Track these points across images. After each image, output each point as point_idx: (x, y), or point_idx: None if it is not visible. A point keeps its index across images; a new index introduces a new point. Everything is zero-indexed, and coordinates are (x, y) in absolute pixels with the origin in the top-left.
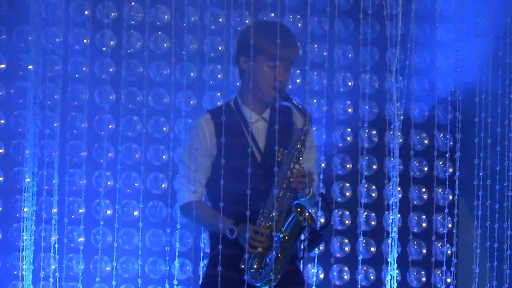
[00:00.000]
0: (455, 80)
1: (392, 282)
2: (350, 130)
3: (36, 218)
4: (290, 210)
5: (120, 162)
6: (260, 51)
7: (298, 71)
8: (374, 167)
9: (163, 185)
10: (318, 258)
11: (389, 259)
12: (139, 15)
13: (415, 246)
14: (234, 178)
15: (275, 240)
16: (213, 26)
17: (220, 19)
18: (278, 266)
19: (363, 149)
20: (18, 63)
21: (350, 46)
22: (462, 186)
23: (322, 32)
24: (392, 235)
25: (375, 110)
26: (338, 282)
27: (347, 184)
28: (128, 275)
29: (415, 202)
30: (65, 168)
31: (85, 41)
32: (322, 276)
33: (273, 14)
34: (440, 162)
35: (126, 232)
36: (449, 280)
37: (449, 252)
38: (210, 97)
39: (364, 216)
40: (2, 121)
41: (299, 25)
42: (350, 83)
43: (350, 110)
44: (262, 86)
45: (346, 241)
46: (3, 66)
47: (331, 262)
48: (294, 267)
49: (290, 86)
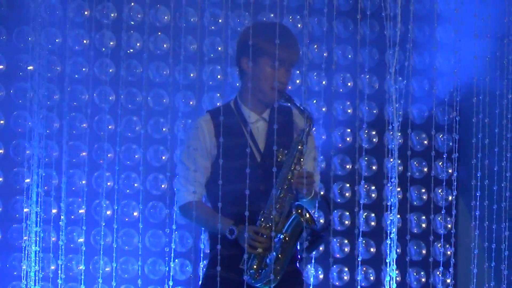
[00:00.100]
0: (454, 80)
1: (391, 282)
2: (349, 130)
3: (35, 219)
4: (290, 211)
5: (119, 163)
6: (263, 53)
7: (298, 72)
8: (374, 168)
9: (163, 185)
10: (317, 258)
11: (388, 260)
12: (139, 16)
13: (415, 247)
14: (234, 179)
15: (276, 241)
16: (212, 27)
17: (219, 20)
18: (278, 267)
19: (362, 148)
20: (18, 64)
21: (350, 47)
22: (461, 186)
23: (322, 32)
24: (391, 236)
25: (375, 111)
26: (337, 283)
27: (347, 184)
28: (128, 276)
29: (415, 203)
30: (64, 168)
31: (84, 41)
32: (321, 276)
33: (272, 15)
34: (439, 163)
35: (125, 232)
36: (448, 280)
37: (448, 252)
38: (210, 97)
39: (363, 216)
40: (2, 121)
41: (299, 25)
42: (349, 84)
43: (349, 110)
44: (264, 87)
45: (346, 241)
46: (3, 66)
47: (331, 262)
48: (294, 268)
49: (290, 87)
